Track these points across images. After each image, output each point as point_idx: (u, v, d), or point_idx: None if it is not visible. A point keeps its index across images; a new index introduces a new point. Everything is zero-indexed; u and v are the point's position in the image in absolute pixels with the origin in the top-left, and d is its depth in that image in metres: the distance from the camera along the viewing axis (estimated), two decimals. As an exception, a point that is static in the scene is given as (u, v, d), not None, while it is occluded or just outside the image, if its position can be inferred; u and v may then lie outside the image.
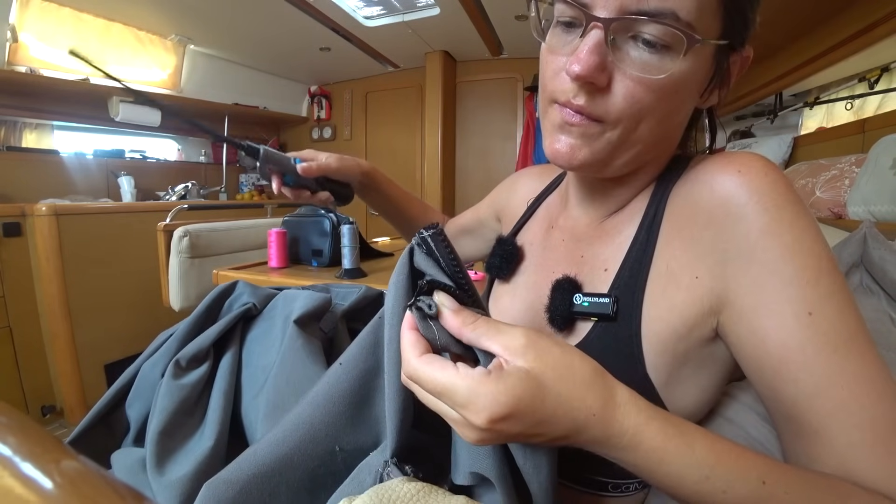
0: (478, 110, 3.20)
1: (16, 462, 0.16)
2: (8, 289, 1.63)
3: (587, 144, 0.37)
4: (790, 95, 2.08)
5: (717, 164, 0.37)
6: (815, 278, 0.31)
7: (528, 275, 0.51)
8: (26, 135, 2.25)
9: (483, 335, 0.28)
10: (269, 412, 0.49)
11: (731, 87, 0.40)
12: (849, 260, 0.54)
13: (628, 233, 0.42)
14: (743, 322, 0.34)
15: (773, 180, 0.34)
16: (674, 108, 0.37)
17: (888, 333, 0.47)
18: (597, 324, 0.40)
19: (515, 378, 0.26)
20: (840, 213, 1.24)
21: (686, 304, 0.36)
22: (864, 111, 1.78)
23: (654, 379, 0.37)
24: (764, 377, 0.33)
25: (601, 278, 0.42)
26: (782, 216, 0.33)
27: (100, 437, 0.57)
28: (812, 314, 0.31)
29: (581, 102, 0.35)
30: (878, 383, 0.30)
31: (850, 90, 1.81)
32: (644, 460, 0.27)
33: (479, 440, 0.27)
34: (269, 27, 2.47)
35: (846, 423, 0.29)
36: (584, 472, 0.42)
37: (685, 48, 0.32)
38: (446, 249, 0.31)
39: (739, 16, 0.35)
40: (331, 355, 0.61)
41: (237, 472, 0.35)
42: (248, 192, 3.37)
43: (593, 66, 0.33)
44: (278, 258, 1.34)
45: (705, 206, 0.37)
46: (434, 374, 0.27)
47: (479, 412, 0.25)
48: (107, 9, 2.20)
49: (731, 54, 0.37)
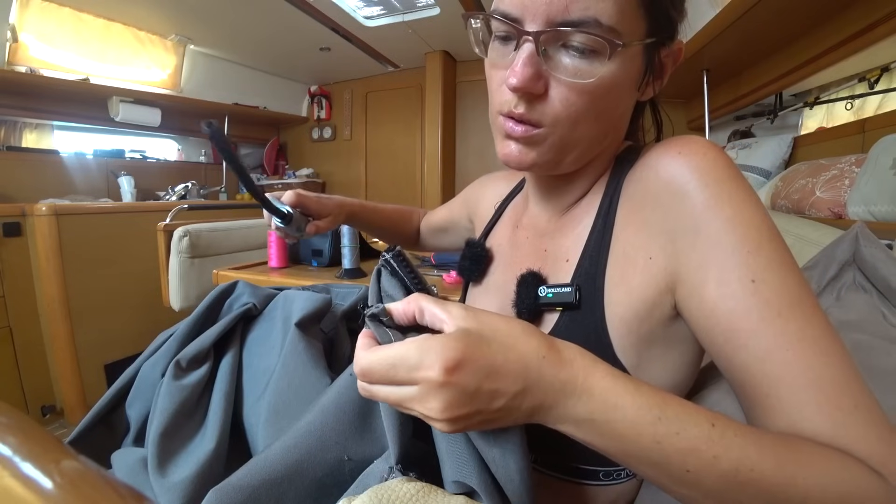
0: (478, 110, 3.20)
1: (16, 462, 0.16)
2: (8, 289, 1.63)
3: (532, 149, 0.40)
4: (790, 95, 2.07)
5: (660, 148, 0.39)
6: (755, 247, 0.33)
7: (497, 275, 0.53)
8: (26, 135, 2.24)
9: (428, 305, 0.31)
10: (270, 416, 0.49)
11: (668, 78, 0.43)
12: (841, 258, 0.54)
13: (586, 223, 0.44)
14: (694, 295, 0.35)
15: (712, 158, 0.35)
16: (609, 105, 0.39)
17: (877, 322, 0.48)
18: (563, 313, 0.42)
19: (459, 331, 0.28)
20: (840, 213, 1.24)
21: (643, 285, 0.38)
22: (864, 111, 1.78)
23: (625, 361, 0.38)
24: (717, 346, 0.34)
25: (564, 269, 0.44)
26: (721, 190, 0.34)
27: (100, 437, 0.57)
28: (755, 281, 0.32)
29: (521, 111, 0.38)
30: (822, 343, 0.30)
31: (850, 90, 1.80)
32: (601, 406, 0.28)
33: (442, 407, 0.27)
34: (269, 27, 2.47)
35: (793, 384, 0.30)
36: (573, 462, 0.43)
37: (609, 53, 0.35)
38: (407, 269, 0.35)
39: (662, 15, 0.37)
40: (331, 356, 0.61)
41: (247, 478, 0.35)
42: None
43: (528, 77, 0.35)
44: (278, 258, 1.34)
45: (652, 189, 0.38)
46: (382, 352, 0.28)
47: (433, 364, 0.26)
48: (107, 9, 2.20)
49: (661, 49, 0.40)
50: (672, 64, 0.42)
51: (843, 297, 0.52)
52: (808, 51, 1.47)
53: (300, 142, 3.81)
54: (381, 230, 0.84)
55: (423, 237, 0.87)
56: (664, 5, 0.37)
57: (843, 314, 0.50)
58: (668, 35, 0.39)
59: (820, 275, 0.55)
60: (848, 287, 0.53)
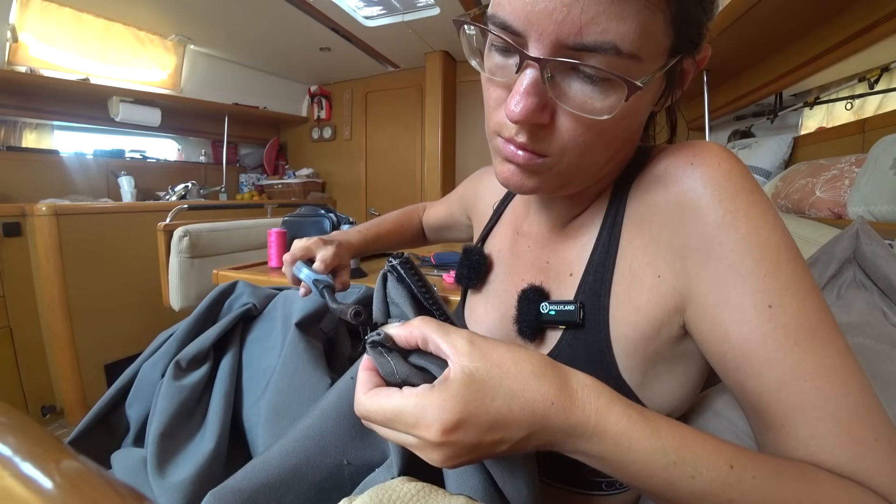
0: (478, 110, 3.20)
1: (16, 462, 0.16)
2: (8, 289, 1.63)
3: (534, 176, 0.36)
4: (790, 95, 2.07)
5: (670, 156, 0.36)
6: (773, 270, 0.31)
7: (498, 283, 0.51)
8: (26, 135, 2.24)
9: (432, 332, 0.29)
10: (270, 417, 0.48)
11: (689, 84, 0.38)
12: (842, 255, 0.54)
13: (591, 235, 0.42)
14: (706, 318, 0.33)
15: (726, 169, 0.33)
16: (623, 132, 0.35)
17: (879, 324, 0.47)
18: (566, 331, 0.40)
19: (459, 384, 0.26)
20: (840, 213, 1.24)
21: (651, 304, 0.36)
22: (864, 111, 1.78)
23: (629, 380, 0.37)
24: (729, 372, 0.33)
25: (567, 284, 0.42)
26: (736, 207, 0.32)
27: (100, 437, 0.57)
28: (772, 307, 0.30)
29: (523, 140, 0.33)
30: (841, 373, 0.29)
31: (850, 90, 1.80)
32: (612, 448, 0.27)
33: (443, 459, 0.26)
34: (269, 27, 2.47)
35: (810, 415, 0.29)
36: (578, 474, 0.42)
37: (627, 94, 0.29)
38: (415, 276, 0.34)
39: (692, 26, 0.32)
40: (331, 356, 0.61)
41: (246, 481, 0.35)
42: (248, 192, 3.37)
43: (531, 108, 0.31)
44: (278, 258, 1.34)
45: (661, 203, 0.36)
46: (380, 402, 0.27)
47: (430, 426, 0.25)
48: (107, 9, 2.20)
49: (686, 59, 0.34)
50: (695, 69, 0.37)
51: (844, 295, 0.52)
52: (808, 51, 1.47)
53: (300, 142, 3.81)
54: (389, 247, 0.82)
55: (428, 236, 0.86)
56: (696, 15, 0.32)
57: (845, 315, 0.49)
58: (695, 45, 0.34)
59: (820, 272, 0.54)
60: (848, 285, 0.53)
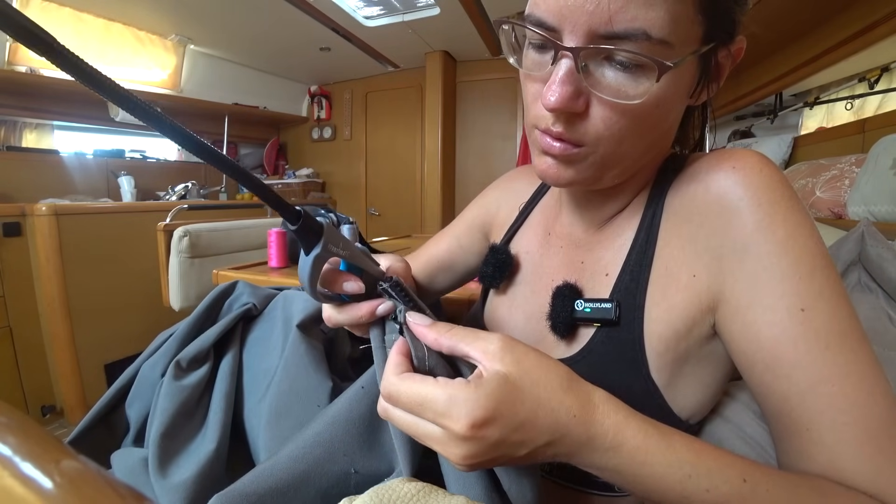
0: (478, 110, 3.20)
1: (16, 462, 0.16)
2: (8, 289, 1.63)
3: (571, 167, 0.37)
4: (790, 95, 2.08)
5: (712, 161, 0.37)
6: (808, 274, 0.31)
7: (525, 284, 0.50)
8: (26, 135, 2.24)
9: (460, 340, 0.29)
10: (271, 419, 0.48)
11: (726, 78, 0.38)
12: (847, 258, 0.54)
13: (627, 236, 0.42)
14: (737, 318, 0.34)
15: (767, 176, 0.34)
16: (658, 120, 0.35)
17: (885, 331, 0.47)
18: (599, 329, 0.40)
19: (494, 383, 0.27)
20: (840, 213, 1.24)
21: (685, 303, 0.37)
22: (864, 111, 1.78)
23: (657, 380, 0.37)
24: (756, 373, 0.33)
25: (602, 283, 0.42)
26: (776, 211, 0.33)
27: (100, 437, 0.57)
28: (805, 310, 0.31)
29: (559, 129, 0.34)
30: (868, 381, 0.29)
31: (850, 90, 1.81)
32: (627, 461, 0.28)
33: (464, 455, 0.27)
34: (268, 27, 2.47)
35: (836, 420, 0.29)
36: (584, 473, 0.42)
37: (658, 75, 0.30)
38: (406, 298, 0.34)
39: (724, 15, 0.33)
40: (332, 356, 0.61)
41: (253, 485, 0.35)
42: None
43: (566, 97, 0.32)
44: (278, 258, 1.34)
45: (701, 204, 0.37)
46: (413, 386, 0.27)
47: (461, 418, 0.26)
48: (107, 9, 2.20)
49: (720, 50, 0.35)
50: (731, 63, 0.37)
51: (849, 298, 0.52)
52: (808, 51, 1.47)
53: (300, 142, 3.81)
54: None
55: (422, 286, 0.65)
56: (727, 5, 0.32)
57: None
58: (728, 35, 0.34)
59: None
60: (853, 288, 0.52)
